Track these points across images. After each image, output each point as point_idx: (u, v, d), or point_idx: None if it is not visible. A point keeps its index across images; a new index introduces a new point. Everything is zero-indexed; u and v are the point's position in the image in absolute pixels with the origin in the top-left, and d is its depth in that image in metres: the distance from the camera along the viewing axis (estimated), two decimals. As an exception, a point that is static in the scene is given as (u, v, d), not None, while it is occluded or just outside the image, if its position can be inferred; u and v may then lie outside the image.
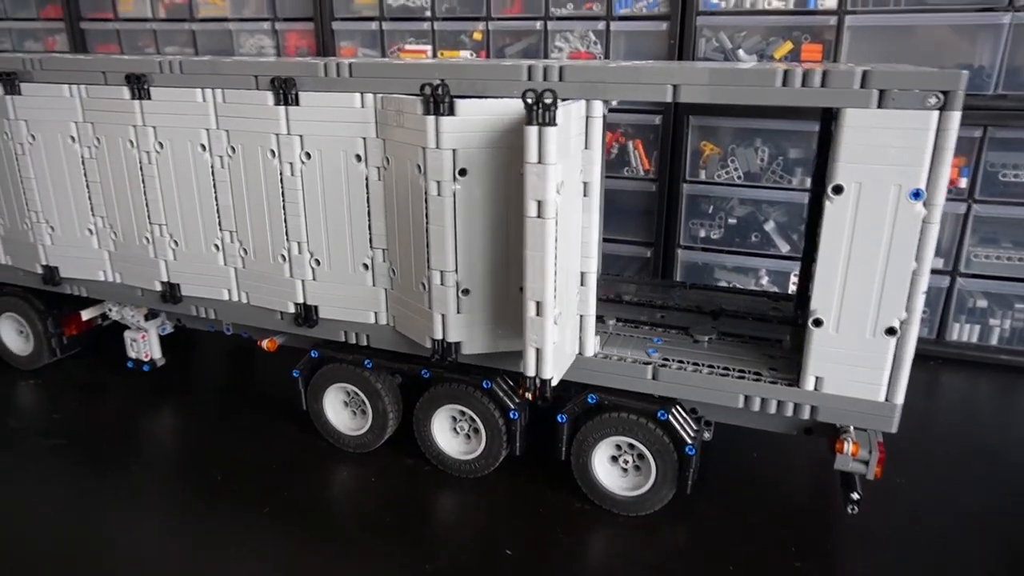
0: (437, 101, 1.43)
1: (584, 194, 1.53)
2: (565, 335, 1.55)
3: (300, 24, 3.10)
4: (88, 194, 2.04)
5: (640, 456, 1.69)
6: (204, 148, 1.83)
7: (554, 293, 1.41)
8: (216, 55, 2.84)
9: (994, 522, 1.69)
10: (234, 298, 1.95)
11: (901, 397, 1.41)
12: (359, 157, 1.65)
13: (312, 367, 1.95)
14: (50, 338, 2.37)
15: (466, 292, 1.57)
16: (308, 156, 1.70)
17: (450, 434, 1.87)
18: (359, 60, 1.82)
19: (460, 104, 1.44)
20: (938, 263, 2.49)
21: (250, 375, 2.49)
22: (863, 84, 1.26)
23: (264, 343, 1.99)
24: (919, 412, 2.13)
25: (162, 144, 1.88)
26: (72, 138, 1.99)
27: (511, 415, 1.75)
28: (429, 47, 2.88)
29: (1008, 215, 2.40)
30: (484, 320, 1.61)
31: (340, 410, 1.98)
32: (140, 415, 2.19)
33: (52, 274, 2.17)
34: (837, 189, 1.33)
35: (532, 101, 1.28)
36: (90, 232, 2.08)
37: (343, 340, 1.85)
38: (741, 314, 1.90)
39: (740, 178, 2.63)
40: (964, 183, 2.40)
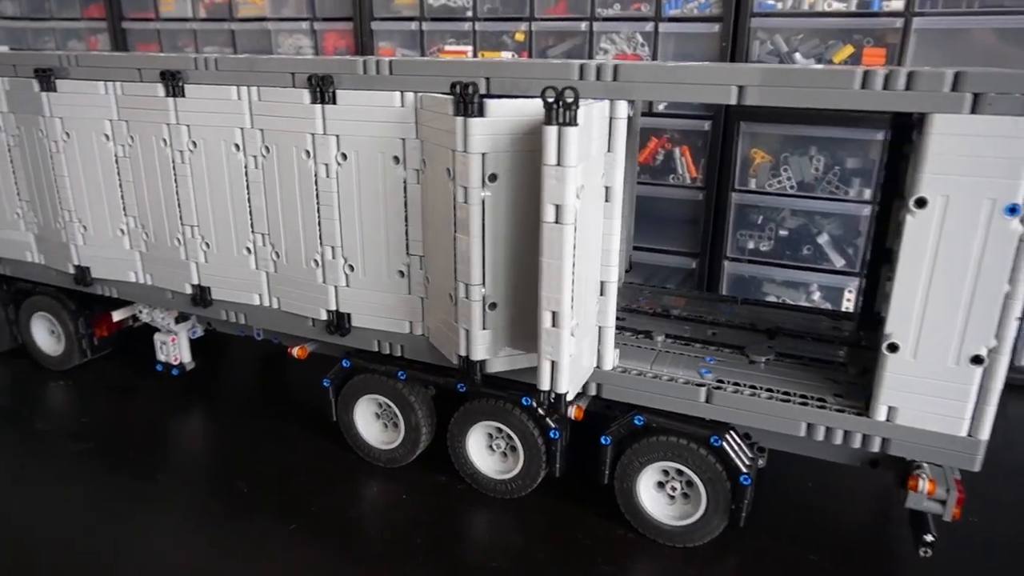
0: (466, 101, 1.33)
1: (606, 199, 1.45)
2: (582, 347, 1.47)
3: (339, 24, 3.04)
4: (121, 194, 2.00)
5: (689, 483, 1.58)
6: (238, 148, 1.76)
7: (571, 303, 1.33)
8: (254, 55, 2.80)
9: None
10: (265, 303, 1.88)
11: (986, 433, 1.28)
12: (397, 159, 1.58)
13: (343, 377, 1.88)
14: (81, 339, 2.34)
15: (493, 306, 1.48)
16: (344, 157, 1.62)
17: (486, 451, 1.77)
18: (400, 58, 1.75)
19: (490, 104, 1.34)
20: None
21: (279, 382, 2.43)
22: (955, 87, 1.14)
23: (295, 350, 1.92)
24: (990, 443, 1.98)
25: (195, 143, 1.82)
26: (106, 136, 1.95)
27: (551, 434, 1.65)
28: (469, 48, 2.80)
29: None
30: (511, 336, 1.51)
31: (371, 422, 1.90)
32: (168, 421, 2.14)
33: (84, 274, 2.14)
34: (920, 202, 1.20)
35: (552, 100, 1.21)
36: (122, 232, 2.04)
37: (376, 350, 1.77)
38: (798, 333, 1.78)
39: (793, 188, 2.50)
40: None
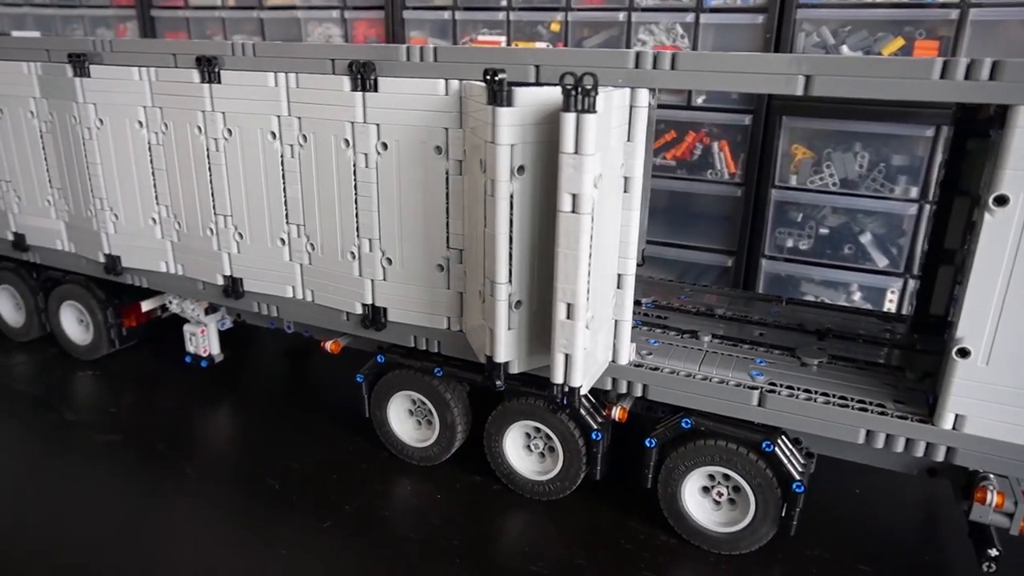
0: (496, 89, 1.27)
1: (624, 190, 1.41)
2: (598, 340, 1.43)
3: (370, 12, 2.99)
4: (153, 182, 1.96)
5: (736, 489, 1.53)
6: (274, 136, 1.72)
7: (587, 295, 1.29)
8: (291, 41, 2.76)
9: None
10: (298, 296, 1.85)
11: (1063, 444, 1.21)
12: (439, 149, 1.53)
13: (377, 372, 1.83)
14: (110, 328, 2.31)
15: (518, 304, 1.43)
16: (385, 147, 1.58)
17: (523, 451, 1.73)
18: (444, 44, 1.70)
19: (518, 93, 1.28)
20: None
21: (310, 376, 2.39)
22: (1044, 77, 1.07)
23: (328, 345, 1.88)
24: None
25: (231, 131, 1.78)
26: (140, 123, 1.92)
27: (593, 436, 1.60)
28: (503, 38, 2.74)
29: None
30: (538, 335, 1.45)
31: (405, 419, 1.85)
32: (197, 414, 2.11)
33: (114, 263, 2.11)
34: (1000, 200, 1.14)
35: (571, 86, 1.17)
36: (154, 221, 2.00)
37: (412, 345, 1.72)
38: (849, 335, 1.71)
39: (836, 185, 2.42)
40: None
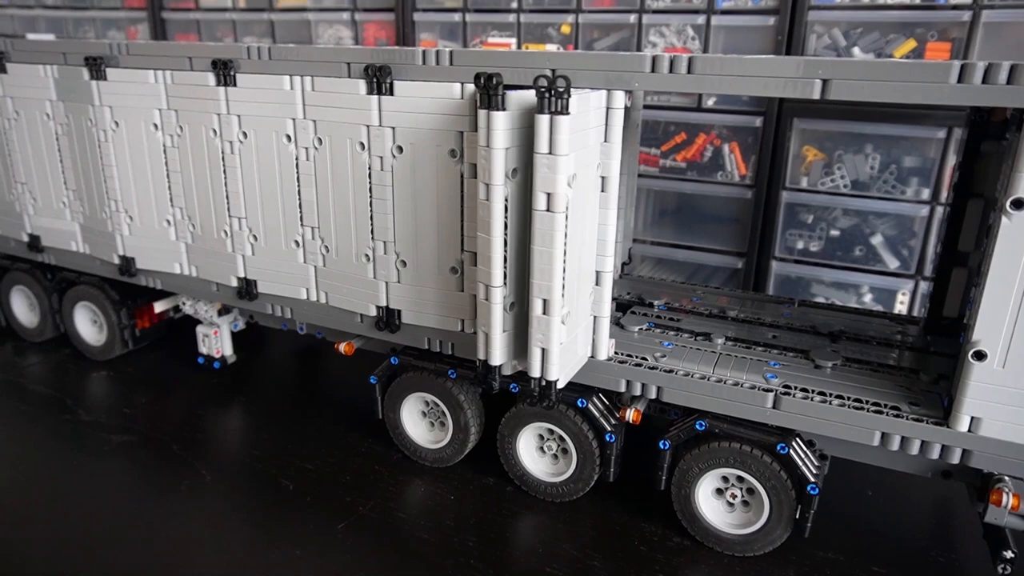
0: (490, 93, 1.30)
1: (602, 189, 1.45)
2: (577, 336, 1.47)
3: (380, 15, 3.01)
4: (168, 184, 1.98)
5: (750, 491, 1.53)
6: (289, 139, 1.73)
7: (562, 291, 1.34)
8: (307, 44, 2.77)
9: None
10: (312, 298, 1.86)
11: (1080, 447, 1.22)
12: (454, 153, 1.53)
13: (391, 374, 1.84)
14: (123, 329, 2.33)
15: (511, 306, 1.46)
16: (400, 150, 1.58)
17: (536, 453, 1.73)
18: (458, 48, 1.71)
19: (511, 96, 1.31)
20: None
21: (321, 377, 2.40)
22: (1062, 81, 1.07)
23: (342, 346, 1.89)
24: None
25: (246, 134, 1.79)
26: (155, 125, 1.93)
27: (607, 438, 1.60)
28: (513, 40, 2.76)
29: None
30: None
31: (418, 421, 1.86)
32: (210, 415, 2.12)
33: (128, 265, 2.12)
34: (1017, 203, 1.14)
35: (544, 88, 1.21)
36: (168, 223, 2.02)
37: (426, 347, 1.73)
38: (863, 337, 1.72)
39: (847, 187, 2.43)
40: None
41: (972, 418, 1.28)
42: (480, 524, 1.64)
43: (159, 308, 2.35)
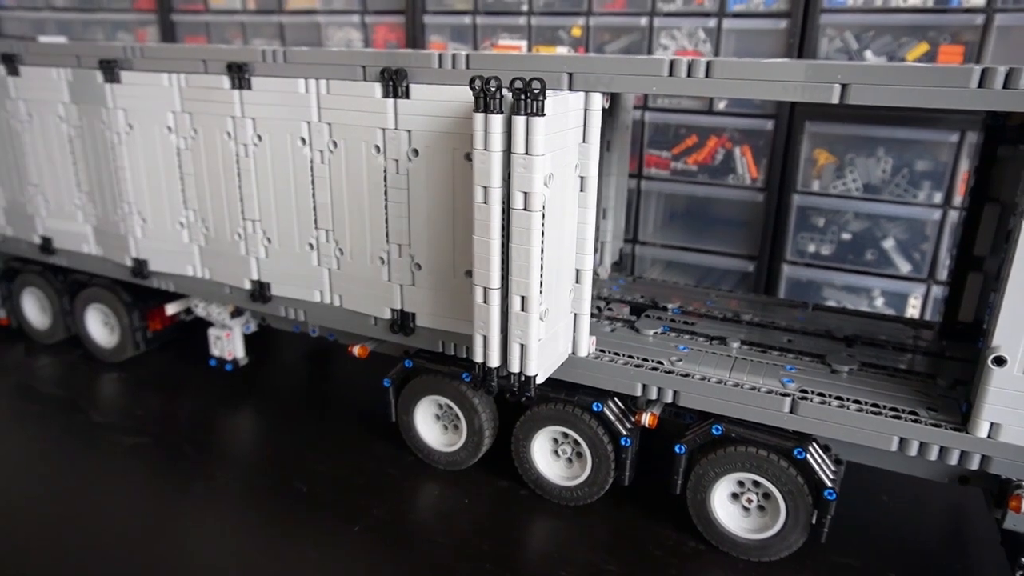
0: (487, 96, 1.30)
1: (581, 189, 1.47)
2: (557, 332, 1.50)
3: (390, 17, 3.01)
4: (181, 186, 1.98)
5: (766, 495, 1.53)
6: (304, 142, 1.74)
7: (540, 288, 1.36)
8: (319, 48, 2.77)
9: None
10: (326, 300, 1.86)
11: (1101, 453, 1.21)
12: (469, 156, 1.53)
13: (404, 377, 1.84)
14: (135, 331, 2.33)
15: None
16: (416, 153, 1.59)
17: (551, 457, 1.73)
18: (479, 52, 1.71)
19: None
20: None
21: (333, 380, 2.40)
22: (1086, 86, 1.07)
23: (355, 349, 1.89)
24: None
25: (260, 136, 1.80)
26: (169, 128, 1.93)
27: (622, 442, 1.60)
28: (524, 42, 2.76)
29: None
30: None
31: (432, 424, 1.86)
32: (223, 417, 2.12)
33: (141, 267, 2.13)
34: (1039, 208, 1.14)
35: (520, 90, 1.23)
36: (181, 226, 2.02)
37: (440, 350, 1.73)
38: (878, 342, 1.71)
39: (859, 190, 2.42)
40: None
41: (991, 424, 1.27)
42: (495, 528, 1.64)
43: (171, 310, 2.35)
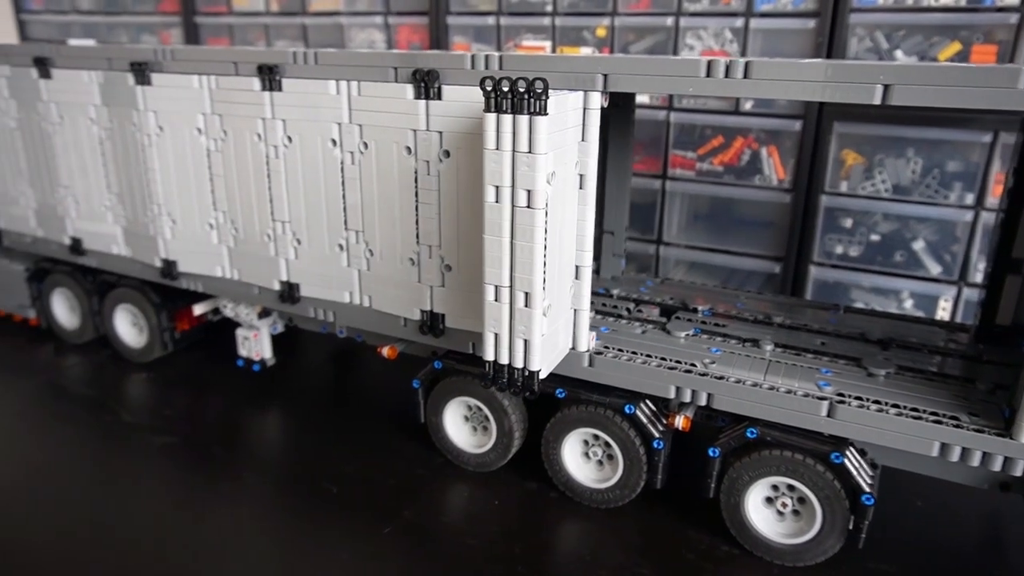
0: (497, 97, 1.31)
1: (580, 186, 1.49)
2: (558, 328, 1.51)
3: (413, 19, 3.02)
4: (211, 188, 1.99)
5: (800, 500, 1.51)
6: (335, 143, 1.74)
7: (543, 284, 1.38)
8: (348, 49, 2.78)
9: None
10: (355, 301, 1.86)
11: None
12: (501, 157, 1.53)
13: (434, 378, 1.84)
14: (163, 332, 2.35)
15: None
16: (447, 154, 1.58)
17: (581, 459, 1.72)
18: (512, 53, 1.71)
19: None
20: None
21: (360, 380, 2.40)
22: None
23: (384, 350, 1.89)
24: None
25: (290, 138, 1.80)
26: (199, 130, 1.94)
27: (655, 444, 1.59)
28: (548, 43, 2.75)
29: None
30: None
31: (461, 425, 1.86)
32: (251, 417, 2.13)
33: (170, 268, 2.14)
34: (1089, 210, 1.12)
35: (523, 90, 1.25)
36: (210, 227, 2.03)
37: (470, 352, 1.73)
38: (914, 345, 1.69)
39: (888, 191, 2.40)
40: None
41: (1037, 429, 1.25)
42: (525, 530, 1.64)
43: (198, 311, 2.36)
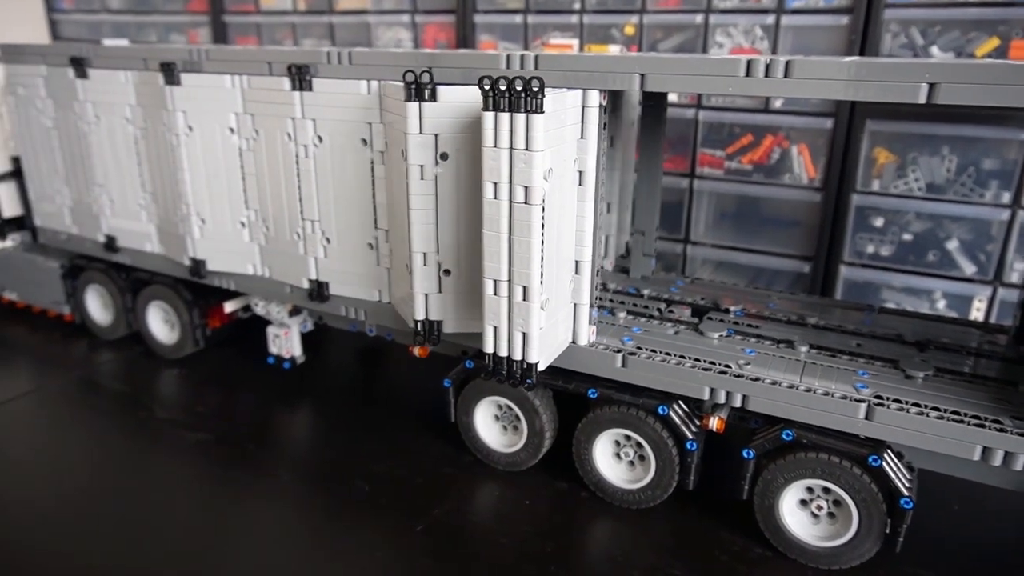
0: (496, 96, 1.32)
1: (579, 183, 1.52)
2: (557, 322, 1.55)
3: (440, 17, 3.02)
4: (243, 186, 2.01)
5: (836, 502, 1.50)
6: (365, 143, 1.74)
7: (540, 279, 1.40)
8: (381, 49, 2.79)
9: None
10: (385, 299, 1.87)
11: None
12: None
13: (465, 377, 1.85)
14: (195, 329, 2.37)
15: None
16: (444, 157, 1.58)
17: (612, 459, 1.72)
18: (545, 52, 1.70)
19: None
20: None
21: (390, 379, 2.41)
22: None
23: (416, 349, 1.90)
24: None
25: (321, 138, 1.81)
26: (231, 129, 1.96)
27: (688, 446, 1.58)
28: (576, 41, 2.74)
29: None
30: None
31: (491, 424, 1.86)
32: (282, 415, 2.15)
33: (198, 267, 2.16)
34: None
35: (520, 89, 1.27)
36: (242, 225, 2.05)
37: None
38: (951, 347, 1.67)
39: (921, 190, 2.36)
40: None
41: (1083, 434, 1.23)
42: (556, 530, 1.64)
43: (229, 308, 2.39)
